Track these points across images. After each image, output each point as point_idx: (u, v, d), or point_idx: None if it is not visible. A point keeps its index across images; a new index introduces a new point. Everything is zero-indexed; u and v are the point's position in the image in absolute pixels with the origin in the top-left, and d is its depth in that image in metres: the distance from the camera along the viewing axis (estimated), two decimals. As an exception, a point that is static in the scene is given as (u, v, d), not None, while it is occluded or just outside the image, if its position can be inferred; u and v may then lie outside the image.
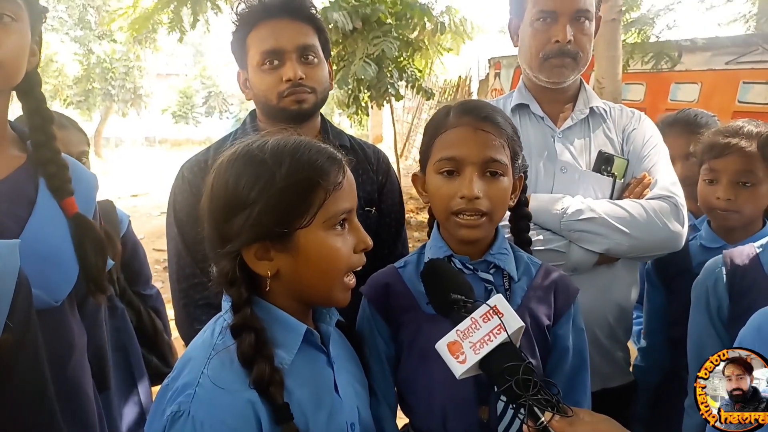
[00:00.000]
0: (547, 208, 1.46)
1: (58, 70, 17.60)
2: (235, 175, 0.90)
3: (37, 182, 1.16)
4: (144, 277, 2.04)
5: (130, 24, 6.93)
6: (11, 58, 1.08)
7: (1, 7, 1.04)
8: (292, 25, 1.46)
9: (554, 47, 1.50)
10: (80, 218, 1.19)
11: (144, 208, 9.15)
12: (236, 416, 0.84)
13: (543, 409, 0.82)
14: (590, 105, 1.61)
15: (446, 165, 1.10)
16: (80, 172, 1.27)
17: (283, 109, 1.45)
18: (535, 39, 1.52)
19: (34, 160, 1.17)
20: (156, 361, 1.97)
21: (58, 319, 1.17)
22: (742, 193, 1.51)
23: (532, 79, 1.61)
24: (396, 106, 9.70)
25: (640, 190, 1.52)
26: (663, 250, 1.49)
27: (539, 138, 1.59)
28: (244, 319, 0.89)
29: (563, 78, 1.55)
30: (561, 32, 1.49)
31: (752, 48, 5.17)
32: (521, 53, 1.61)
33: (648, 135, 1.61)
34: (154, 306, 2.03)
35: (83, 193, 1.23)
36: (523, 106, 1.63)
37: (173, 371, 0.91)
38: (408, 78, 7.17)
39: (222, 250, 0.91)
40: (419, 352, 1.11)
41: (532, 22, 1.52)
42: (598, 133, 1.61)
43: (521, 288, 1.15)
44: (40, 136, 1.18)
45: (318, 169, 0.90)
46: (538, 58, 1.53)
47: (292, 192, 0.88)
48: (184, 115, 24.84)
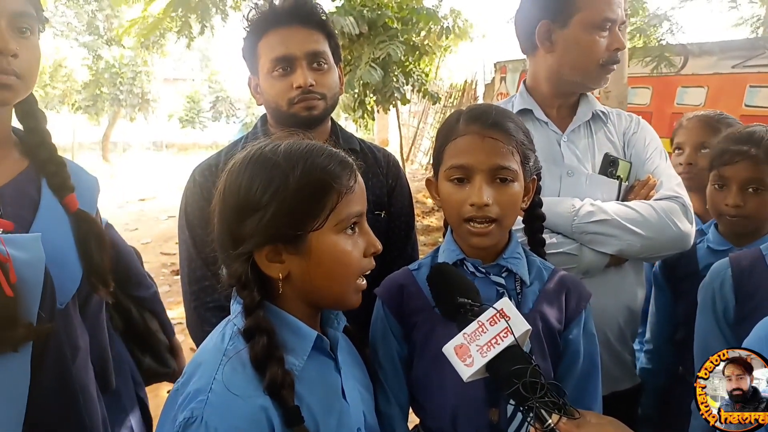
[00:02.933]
0: (558, 211, 1.46)
1: (67, 75, 17.75)
2: (248, 178, 0.91)
3: (39, 184, 1.18)
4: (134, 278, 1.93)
5: (138, 31, 6.98)
6: (31, 72, 1.11)
7: (21, 21, 1.07)
8: (302, 31, 1.47)
9: (613, 55, 1.54)
10: (82, 214, 1.20)
11: (151, 213, 9.19)
12: (250, 422, 0.84)
13: (550, 412, 0.83)
14: (592, 109, 1.63)
15: (456, 173, 1.12)
16: (81, 174, 1.28)
17: (293, 115, 1.47)
18: (597, 46, 1.53)
19: (34, 162, 1.19)
20: (149, 361, 1.95)
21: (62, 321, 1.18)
22: (751, 200, 1.51)
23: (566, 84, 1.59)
24: (402, 110, 9.71)
25: (646, 191, 1.53)
26: (674, 250, 1.49)
27: (544, 142, 1.59)
28: (257, 321, 0.89)
29: (606, 83, 1.61)
30: (619, 40, 1.53)
31: (759, 51, 5.16)
32: (565, 58, 1.56)
33: (649, 138, 1.63)
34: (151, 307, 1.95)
35: (85, 195, 1.24)
36: (526, 111, 1.63)
37: (183, 376, 0.92)
38: (414, 82, 7.19)
39: (234, 252, 0.92)
40: (432, 353, 1.12)
41: (591, 29, 1.52)
42: (600, 136, 1.62)
43: (533, 292, 1.16)
44: (35, 136, 1.20)
45: (331, 172, 0.92)
46: (597, 65, 1.54)
47: (306, 195, 0.89)
48: (191, 119, 24.96)
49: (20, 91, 1.10)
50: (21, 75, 1.07)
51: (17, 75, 1.07)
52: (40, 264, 0.95)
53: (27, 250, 0.93)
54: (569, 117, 1.62)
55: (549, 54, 1.59)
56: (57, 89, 17.67)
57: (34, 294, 0.92)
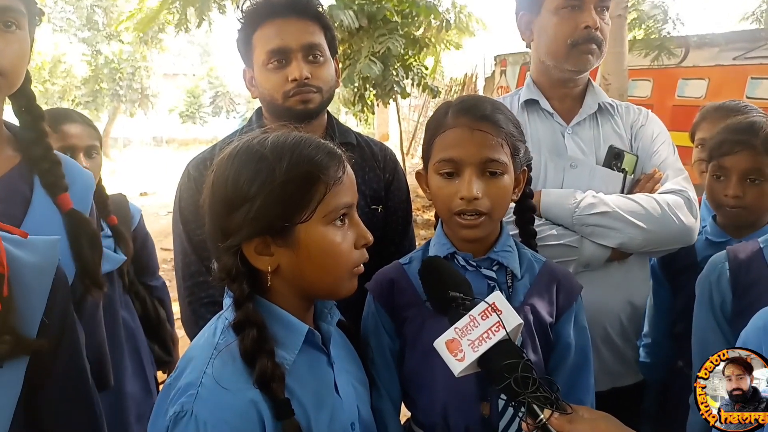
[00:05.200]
0: (559, 203, 1.45)
1: (67, 71, 17.74)
2: (235, 170, 0.91)
3: (31, 181, 1.15)
4: (152, 268, 2.08)
5: (136, 24, 6.97)
6: (13, 66, 1.07)
7: (4, 15, 1.03)
8: (298, 23, 1.46)
9: (584, 33, 1.48)
10: (75, 214, 1.18)
11: (152, 208, 9.19)
12: (239, 416, 0.83)
13: (542, 407, 0.82)
14: (598, 101, 1.61)
15: (445, 166, 1.11)
16: (75, 170, 1.26)
17: (288, 108, 1.45)
18: (563, 26, 1.50)
19: (27, 158, 1.17)
20: (157, 349, 2.00)
21: None
22: (750, 191, 1.50)
23: (551, 70, 1.58)
24: (402, 104, 9.70)
25: (651, 185, 1.51)
26: (677, 244, 1.47)
27: (548, 134, 1.58)
28: (246, 314, 0.88)
29: (588, 66, 1.54)
30: (590, 18, 1.48)
31: (760, 43, 5.14)
32: (540, 44, 1.58)
33: (656, 131, 1.61)
34: (160, 296, 2.07)
35: (79, 192, 1.22)
36: (532, 102, 1.62)
37: (175, 370, 0.91)
38: (414, 76, 7.17)
39: (223, 245, 0.91)
40: (423, 348, 1.11)
41: (557, 10, 1.50)
42: (606, 129, 1.60)
43: (524, 285, 1.15)
44: (30, 133, 1.18)
45: (318, 163, 0.91)
46: (566, 45, 1.50)
47: (293, 186, 0.89)
48: (191, 114, 24.97)
49: (2, 88, 1.08)
50: (3, 71, 1.04)
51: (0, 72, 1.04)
52: (50, 269, 0.92)
53: (40, 253, 0.91)
54: (575, 109, 1.61)
55: (532, 43, 1.62)
56: (56, 85, 17.66)
57: (36, 302, 0.90)
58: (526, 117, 1.60)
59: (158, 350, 2.01)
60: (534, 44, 1.62)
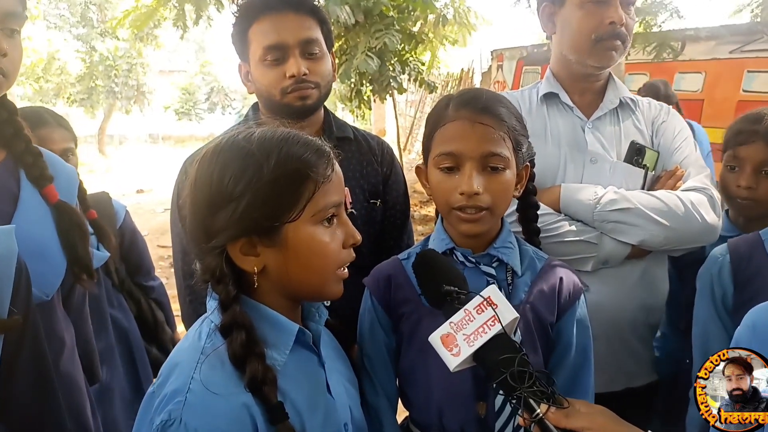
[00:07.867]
0: (579, 198, 1.43)
1: (61, 68, 17.63)
2: (220, 167, 0.87)
3: (18, 176, 1.17)
4: (145, 268, 2.03)
5: (132, 21, 6.93)
6: (15, 68, 1.13)
7: (11, 21, 1.08)
8: (294, 18, 1.44)
9: (609, 29, 1.46)
10: (63, 205, 1.20)
11: (148, 205, 9.18)
12: (232, 421, 0.80)
13: (538, 401, 0.81)
14: (619, 96, 1.59)
15: (445, 161, 1.08)
16: (59, 165, 1.28)
17: (286, 105, 1.44)
18: (588, 20, 1.47)
19: (11, 154, 1.19)
20: (156, 351, 1.98)
21: (48, 313, 1.18)
22: (763, 183, 1.49)
23: (573, 64, 1.56)
24: (399, 100, 9.67)
25: (673, 182, 1.48)
26: (699, 243, 1.45)
27: (568, 128, 1.56)
28: (234, 316, 0.85)
29: (611, 62, 1.52)
30: (616, 13, 1.46)
31: (756, 36, 5.14)
32: (563, 38, 1.55)
33: (678, 128, 1.58)
34: (157, 298, 2.03)
35: (64, 185, 1.24)
36: (551, 96, 1.59)
37: (159, 377, 0.87)
38: (410, 71, 7.14)
39: (207, 245, 0.87)
40: (419, 345, 1.09)
41: (582, 4, 1.48)
42: (627, 125, 1.57)
43: (525, 283, 1.13)
44: (8, 128, 1.20)
45: (307, 161, 0.88)
46: (590, 40, 1.48)
47: (281, 185, 0.86)
48: (186, 111, 24.88)
49: (3, 88, 1.12)
50: (7, 73, 1.09)
51: (4, 74, 1.08)
52: (11, 257, 0.92)
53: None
54: (596, 103, 1.58)
55: (554, 36, 1.59)
56: (51, 82, 17.56)
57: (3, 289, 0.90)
58: (545, 110, 1.58)
59: (156, 352, 1.97)
60: (556, 37, 1.58)
